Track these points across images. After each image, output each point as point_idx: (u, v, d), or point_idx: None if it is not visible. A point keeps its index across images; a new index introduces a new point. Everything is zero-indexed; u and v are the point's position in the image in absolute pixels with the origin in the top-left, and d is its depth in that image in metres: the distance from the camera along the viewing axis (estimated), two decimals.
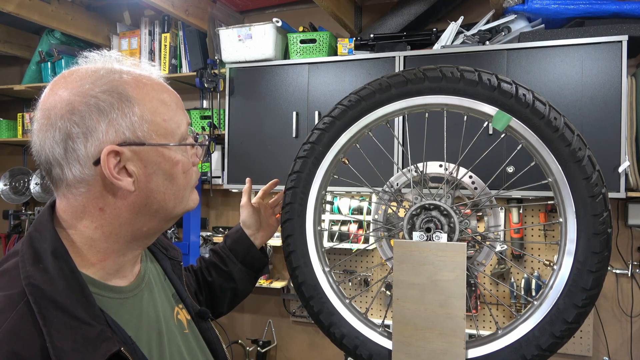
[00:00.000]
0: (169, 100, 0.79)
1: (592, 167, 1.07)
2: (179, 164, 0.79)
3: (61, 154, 0.72)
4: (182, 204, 0.82)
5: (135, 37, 3.24)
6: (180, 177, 0.79)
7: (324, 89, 2.63)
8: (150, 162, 0.75)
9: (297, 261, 1.29)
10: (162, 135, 0.76)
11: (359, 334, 1.24)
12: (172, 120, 0.78)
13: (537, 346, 1.10)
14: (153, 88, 0.77)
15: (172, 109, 0.79)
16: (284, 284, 3.11)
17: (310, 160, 1.25)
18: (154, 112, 0.76)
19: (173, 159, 0.78)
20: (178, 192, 0.80)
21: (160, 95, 0.78)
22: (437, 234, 1.17)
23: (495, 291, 2.75)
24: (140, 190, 0.75)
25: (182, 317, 0.92)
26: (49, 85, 0.76)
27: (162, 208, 0.79)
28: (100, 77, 0.73)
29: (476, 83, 1.13)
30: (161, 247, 0.98)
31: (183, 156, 0.80)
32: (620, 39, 2.15)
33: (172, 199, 0.80)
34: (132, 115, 0.73)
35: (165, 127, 0.77)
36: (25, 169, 3.75)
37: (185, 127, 0.81)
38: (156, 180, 0.77)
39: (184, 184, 0.81)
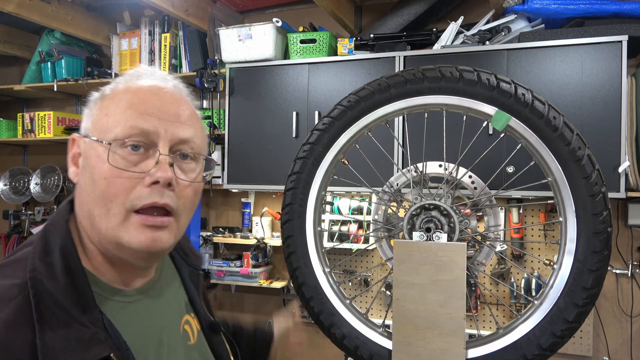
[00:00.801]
0: (127, 100, 0.73)
1: (592, 166, 1.07)
2: (101, 167, 0.71)
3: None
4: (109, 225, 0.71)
5: (135, 37, 3.24)
6: (100, 182, 0.70)
7: (324, 89, 2.63)
8: (85, 155, 0.74)
9: (298, 262, 1.29)
10: (97, 130, 0.73)
11: (359, 335, 1.24)
12: (113, 118, 0.72)
13: (537, 345, 1.10)
14: (128, 90, 0.75)
15: (120, 109, 0.72)
16: (284, 284, 3.11)
17: (309, 161, 1.26)
18: (104, 108, 0.74)
19: (96, 157, 0.71)
20: (101, 200, 0.71)
21: (125, 95, 0.74)
22: (437, 234, 1.17)
23: (495, 291, 2.75)
24: (78, 184, 0.75)
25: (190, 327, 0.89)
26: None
27: (92, 215, 0.72)
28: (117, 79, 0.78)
29: (475, 83, 1.13)
30: (181, 253, 0.95)
31: (111, 161, 0.70)
32: (620, 39, 2.15)
33: (97, 206, 0.71)
34: (95, 110, 0.75)
35: (102, 122, 0.73)
36: (25, 169, 3.75)
37: (123, 130, 0.71)
38: (84, 176, 0.74)
39: (104, 191, 0.70)
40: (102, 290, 0.75)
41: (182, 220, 0.77)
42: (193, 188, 0.77)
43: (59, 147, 3.73)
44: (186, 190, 0.76)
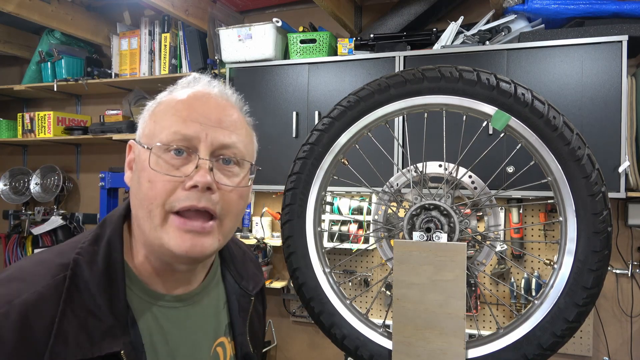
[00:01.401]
0: (173, 107, 0.76)
1: (592, 166, 1.07)
2: (146, 170, 0.73)
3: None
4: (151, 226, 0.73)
5: (135, 37, 3.24)
6: (144, 185, 0.73)
7: (324, 89, 2.63)
8: (137, 160, 0.77)
9: (298, 262, 1.29)
10: (146, 136, 0.77)
11: (359, 335, 1.24)
12: (160, 124, 0.75)
13: (538, 345, 1.10)
14: (176, 97, 0.78)
15: (167, 115, 0.75)
16: (284, 284, 3.11)
17: (309, 162, 1.26)
18: (154, 114, 0.78)
19: (143, 161, 0.74)
20: (145, 202, 0.73)
21: (173, 102, 0.77)
22: (437, 234, 1.17)
23: (495, 291, 2.75)
24: (131, 188, 0.78)
25: (224, 350, 0.87)
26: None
27: (138, 217, 0.75)
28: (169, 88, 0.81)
29: (475, 83, 1.13)
30: (235, 274, 0.92)
31: (153, 163, 0.72)
32: (620, 39, 2.15)
33: (141, 208, 0.73)
34: (147, 116, 0.79)
35: (150, 129, 0.76)
36: (25, 169, 3.75)
37: (168, 136, 0.73)
38: (134, 181, 0.77)
39: (147, 194, 0.72)
40: (137, 288, 0.76)
41: (227, 224, 0.77)
42: (237, 192, 0.78)
43: (59, 147, 3.73)
44: (230, 194, 0.77)
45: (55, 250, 0.75)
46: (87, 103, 3.74)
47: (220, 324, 0.87)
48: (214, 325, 0.86)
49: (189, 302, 0.82)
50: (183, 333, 0.80)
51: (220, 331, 0.87)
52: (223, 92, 0.81)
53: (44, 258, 0.73)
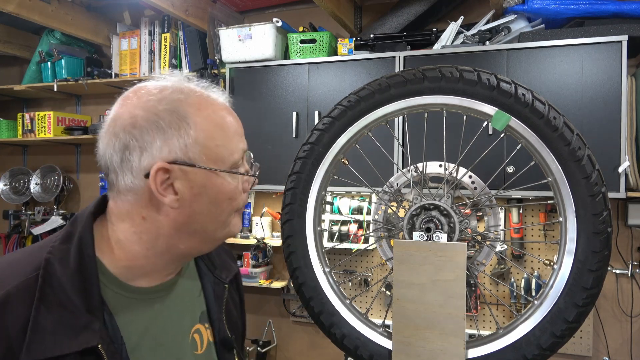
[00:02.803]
0: (226, 126, 0.80)
1: (592, 166, 1.07)
2: (226, 190, 0.79)
3: (118, 162, 0.76)
4: (223, 229, 0.82)
5: (135, 37, 3.24)
6: (224, 203, 0.80)
7: (324, 89, 2.63)
8: (197, 184, 0.77)
9: (298, 262, 1.29)
10: (212, 160, 0.77)
11: (359, 335, 1.24)
12: (225, 147, 0.79)
13: (537, 345, 1.10)
14: (214, 112, 0.79)
15: (227, 136, 0.80)
16: (284, 284, 3.11)
17: (310, 161, 1.26)
18: (208, 136, 0.77)
19: (220, 184, 0.78)
20: (220, 217, 0.80)
21: (220, 120, 0.79)
22: (437, 234, 1.17)
23: (495, 291, 2.75)
24: (183, 209, 0.77)
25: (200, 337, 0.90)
26: (122, 96, 0.80)
27: (202, 230, 0.80)
28: (165, 95, 0.77)
29: (475, 83, 1.13)
30: (208, 262, 0.97)
31: (231, 183, 0.80)
32: (620, 39, 2.15)
33: (213, 222, 0.80)
34: (187, 137, 0.75)
35: (216, 153, 0.78)
36: (25, 169, 3.75)
37: (239, 155, 0.81)
38: (200, 202, 0.78)
39: (228, 209, 0.81)
40: (112, 283, 0.77)
41: None
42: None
43: (59, 147, 3.73)
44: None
45: (27, 250, 0.77)
46: (87, 103, 3.74)
47: (196, 311, 0.91)
48: (190, 313, 0.90)
49: (164, 293, 0.84)
50: (161, 323, 0.83)
51: (196, 318, 0.90)
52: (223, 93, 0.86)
53: (15, 259, 0.75)
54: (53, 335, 0.68)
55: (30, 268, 0.72)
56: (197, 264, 0.95)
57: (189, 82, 0.81)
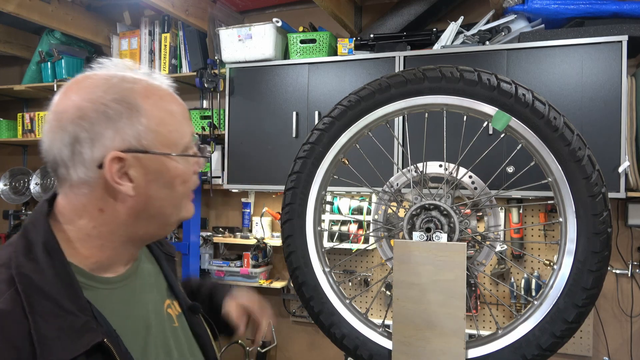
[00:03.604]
0: (175, 111, 0.82)
1: (592, 167, 1.07)
2: (179, 173, 0.81)
3: (68, 156, 0.76)
4: (178, 213, 0.84)
5: (135, 37, 3.24)
6: (179, 186, 0.82)
7: (324, 89, 2.63)
8: (151, 169, 0.78)
9: (298, 262, 1.29)
10: (165, 145, 0.79)
11: (359, 334, 1.24)
12: (177, 131, 0.81)
13: (537, 346, 1.10)
14: (162, 98, 0.80)
15: (177, 120, 0.81)
16: (284, 284, 3.11)
17: (310, 161, 1.26)
18: (160, 122, 0.78)
19: (173, 168, 0.80)
20: (175, 200, 0.82)
21: (168, 105, 0.81)
22: (437, 234, 1.17)
23: (495, 291, 2.75)
24: (140, 196, 0.78)
25: (173, 311, 0.94)
26: (63, 88, 0.81)
27: (160, 214, 0.82)
28: (112, 85, 0.77)
29: (476, 83, 1.13)
30: (157, 243, 1.01)
31: (184, 166, 0.82)
32: (620, 39, 2.15)
33: (169, 206, 0.82)
34: (139, 125, 0.76)
35: (169, 138, 0.79)
36: (25, 169, 3.75)
37: (189, 138, 0.83)
38: (155, 188, 0.79)
39: (182, 192, 0.83)
40: (87, 279, 0.78)
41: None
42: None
43: None
44: None
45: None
46: None
47: (162, 289, 0.95)
48: (159, 292, 0.93)
49: (132, 278, 0.86)
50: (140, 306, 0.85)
51: (165, 295, 0.94)
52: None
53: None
54: (60, 341, 0.68)
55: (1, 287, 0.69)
56: (149, 245, 0.99)
57: (131, 70, 0.81)
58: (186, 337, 0.94)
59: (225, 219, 3.36)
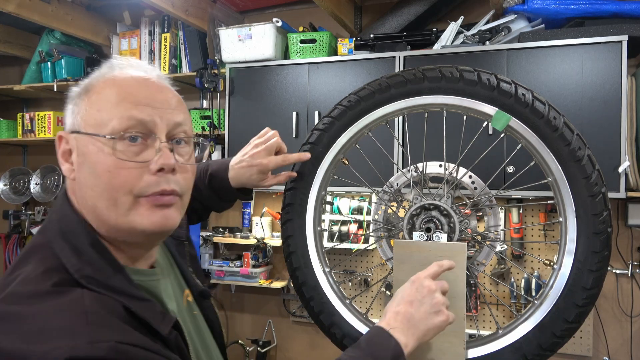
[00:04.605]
0: (117, 93, 0.74)
1: (592, 167, 1.07)
2: (102, 160, 0.72)
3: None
4: (119, 213, 0.73)
5: (135, 37, 3.24)
6: (104, 175, 0.72)
7: (324, 89, 2.63)
8: (82, 151, 0.74)
9: (298, 262, 1.29)
10: (91, 125, 0.74)
11: (359, 334, 1.24)
12: (106, 111, 0.73)
13: (537, 345, 1.10)
14: (114, 82, 0.75)
15: (112, 102, 0.73)
16: (284, 284, 3.11)
17: (310, 161, 1.25)
18: (94, 102, 0.75)
19: (94, 152, 0.73)
20: (106, 193, 0.72)
21: (114, 88, 0.75)
22: (437, 234, 1.17)
23: (495, 291, 2.75)
24: (77, 181, 0.76)
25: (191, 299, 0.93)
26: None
27: (97, 207, 0.74)
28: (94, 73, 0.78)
29: (475, 83, 1.13)
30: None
31: (112, 154, 0.72)
32: (620, 39, 2.15)
33: (102, 198, 0.73)
34: (83, 105, 0.76)
35: (95, 118, 0.73)
36: (25, 169, 3.75)
37: (123, 122, 0.72)
38: (83, 172, 0.74)
39: (109, 183, 0.72)
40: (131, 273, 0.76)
41: (185, 200, 0.81)
42: (192, 170, 0.82)
43: None
44: (187, 173, 0.79)
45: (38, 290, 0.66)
46: None
47: (179, 278, 0.93)
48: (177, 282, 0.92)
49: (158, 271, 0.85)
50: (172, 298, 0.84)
51: (183, 285, 0.93)
52: (160, 75, 0.82)
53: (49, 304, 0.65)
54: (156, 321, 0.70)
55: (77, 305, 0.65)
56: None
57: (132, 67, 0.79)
58: (203, 323, 0.93)
59: (225, 219, 3.36)
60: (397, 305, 0.97)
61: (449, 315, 0.97)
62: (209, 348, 0.90)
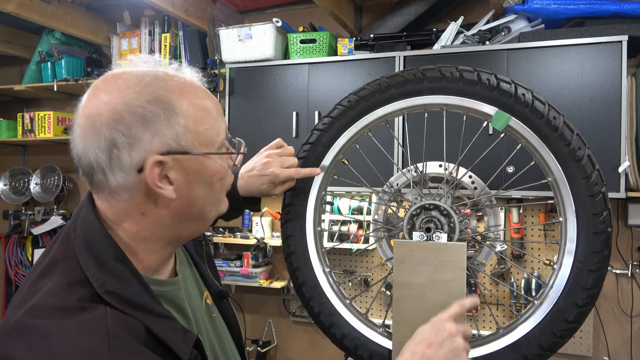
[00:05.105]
0: (210, 108, 0.78)
1: (592, 166, 1.07)
2: (217, 171, 0.79)
3: (105, 161, 0.72)
4: (217, 208, 0.83)
5: (135, 37, 3.24)
6: (217, 184, 0.80)
7: (324, 89, 2.63)
8: (192, 170, 0.75)
9: (298, 262, 1.29)
10: (204, 145, 0.76)
11: (359, 334, 1.24)
12: (213, 129, 0.78)
13: (537, 345, 1.10)
14: (197, 96, 0.77)
15: (213, 117, 0.79)
16: (284, 284, 3.11)
17: (309, 161, 1.25)
18: (197, 121, 0.75)
19: (212, 166, 0.78)
20: (214, 197, 0.81)
21: (203, 102, 0.77)
22: (437, 234, 1.17)
23: (495, 291, 2.75)
24: (182, 198, 0.75)
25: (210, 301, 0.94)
26: (91, 89, 0.76)
27: (201, 213, 0.80)
28: (146, 85, 0.73)
29: (475, 83, 1.13)
30: None
31: (220, 162, 0.80)
32: (620, 39, 2.15)
33: (209, 204, 0.80)
34: (177, 126, 0.73)
35: (207, 137, 0.77)
36: (25, 169, 3.75)
37: (224, 134, 0.81)
38: (196, 188, 0.77)
39: (220, 189, 0.82)
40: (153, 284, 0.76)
41: None
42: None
43: (59, 147, 3.73)
44: None
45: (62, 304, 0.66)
46: None
47: (199, 281, 0.94)
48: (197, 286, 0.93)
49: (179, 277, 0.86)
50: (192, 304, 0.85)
51: (202, 287, 0.94)
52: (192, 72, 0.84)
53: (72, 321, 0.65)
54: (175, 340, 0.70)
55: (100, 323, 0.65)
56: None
57: (162, 66, 0.78)
58: (222, 325, 0.94)
59: None
60: (416, 346, 0.93)
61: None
62: (227, 350, 0.91)
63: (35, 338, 0.63)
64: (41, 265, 0.73)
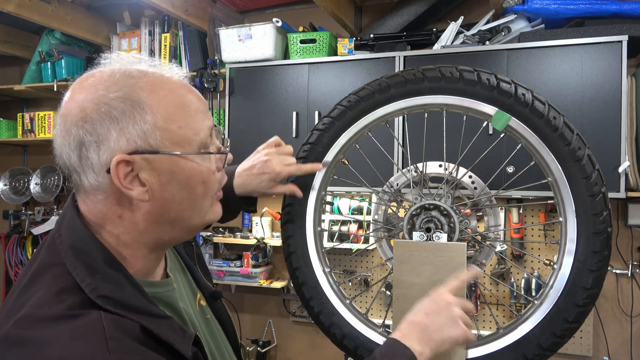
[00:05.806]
0: (186, 105, 0.73)
1: (592, 166, 1.07)
2: (196, 172, 0.74)
3: (76, 161, 0.70)
4: (202, 216, 0.77)
5: (135, 37, 3.24)
6: (198, 187, 0.75)
7: (324, 89, 2.63)
8: (164, 171, 0.71)
9: (298, 262, 1.29)
10: (176, 143, 0.72)
11: (359, 334, 1.24)
12: (189, 127, 0.73)
13: (538, 345, 1.10)
14: (171, 92, 0.73)
15: (189, 115, 0.73)
16: (284, 284, 3.11)
17: (309, 161, 1.25)
18: (168, 118, 0.71)
19: (189, 168, 0.73)
20: (196, 202, 0.75)
21: (178, 99, 0.73)
22: (437, 234, 1.17)
23: (495, 291, 2.75)
24: (155, 200, 0.72)
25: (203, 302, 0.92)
26: (70, 89, 0.74)
27: (181, 217, 0.75)
28: (115, 82, 0.70)
29: (475, 83, 1.13)
30: None
31: (202, 164, 0.74)
32: (620, 39, 2.15)
33: (189, 208, 0.75)
34: (144, 123, 0.69)
35: (180, 135, 0.72)
36: (25, 169, 3.75)
37: (205, 133, 0.75)
38: (171, 190, 0.72)
39: (202, 192, 0.75)
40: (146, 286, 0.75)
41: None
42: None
43: None
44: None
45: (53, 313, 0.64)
46: None
47: (191, 283, 0.93)
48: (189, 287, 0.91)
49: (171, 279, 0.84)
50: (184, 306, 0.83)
51: (195, 289, 0.92)
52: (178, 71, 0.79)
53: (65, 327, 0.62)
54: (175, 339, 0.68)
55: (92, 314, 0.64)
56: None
57: (139, 63, 0.74)
58: (216, 326, 0.92)
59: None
60: (414, 315, 0.94)
61: (466, 331, 0.95)
62: (223, 351, 0.90)
63: (28, 349, 0.61)
64: (28, 273, 0.71)
